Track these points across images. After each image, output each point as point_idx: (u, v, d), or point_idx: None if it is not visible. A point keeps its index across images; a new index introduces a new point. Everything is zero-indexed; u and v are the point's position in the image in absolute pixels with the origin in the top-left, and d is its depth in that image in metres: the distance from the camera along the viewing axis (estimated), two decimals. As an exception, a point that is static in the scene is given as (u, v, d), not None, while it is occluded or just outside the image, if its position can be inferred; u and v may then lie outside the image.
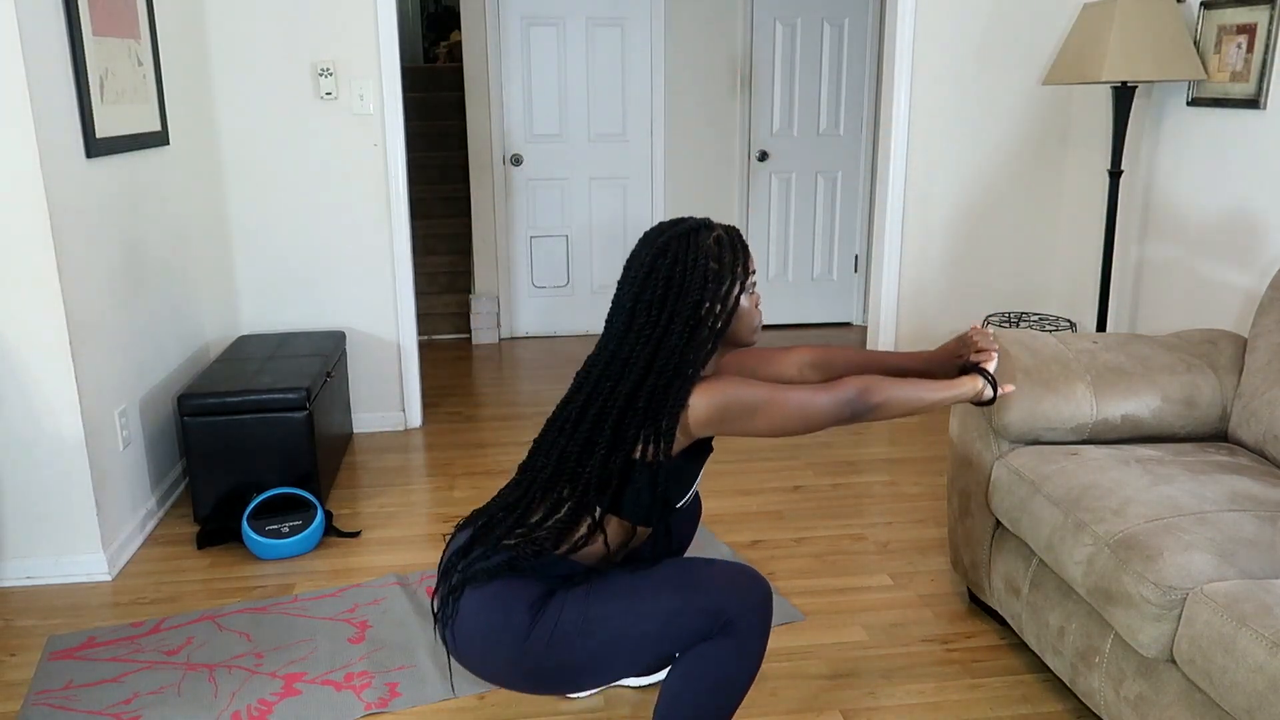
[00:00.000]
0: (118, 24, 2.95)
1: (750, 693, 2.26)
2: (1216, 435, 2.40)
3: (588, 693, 2.25)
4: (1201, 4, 3.30)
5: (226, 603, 2.66)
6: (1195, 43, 3.32)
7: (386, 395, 4.00)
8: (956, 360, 1.98)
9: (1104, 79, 3.19)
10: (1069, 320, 4.07)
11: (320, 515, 2.97)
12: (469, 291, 5.70)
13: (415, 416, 4.05)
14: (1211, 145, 3.30)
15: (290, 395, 3.06)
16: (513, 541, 1.71)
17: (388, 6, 3.61)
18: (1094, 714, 2.18)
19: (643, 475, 1.68)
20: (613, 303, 1.75)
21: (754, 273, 1.77)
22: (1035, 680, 2.31)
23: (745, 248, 1.75)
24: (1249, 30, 3.09)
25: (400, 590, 2.70)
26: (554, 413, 1.78)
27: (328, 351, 3.52)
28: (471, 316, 5.49)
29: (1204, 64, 3.28)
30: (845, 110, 5.50)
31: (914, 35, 3.95)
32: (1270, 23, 3.00)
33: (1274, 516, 1.89)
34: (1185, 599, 1.71)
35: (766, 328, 5.75)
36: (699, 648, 1.70)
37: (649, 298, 1.69)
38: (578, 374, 1.77)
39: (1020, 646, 2.44)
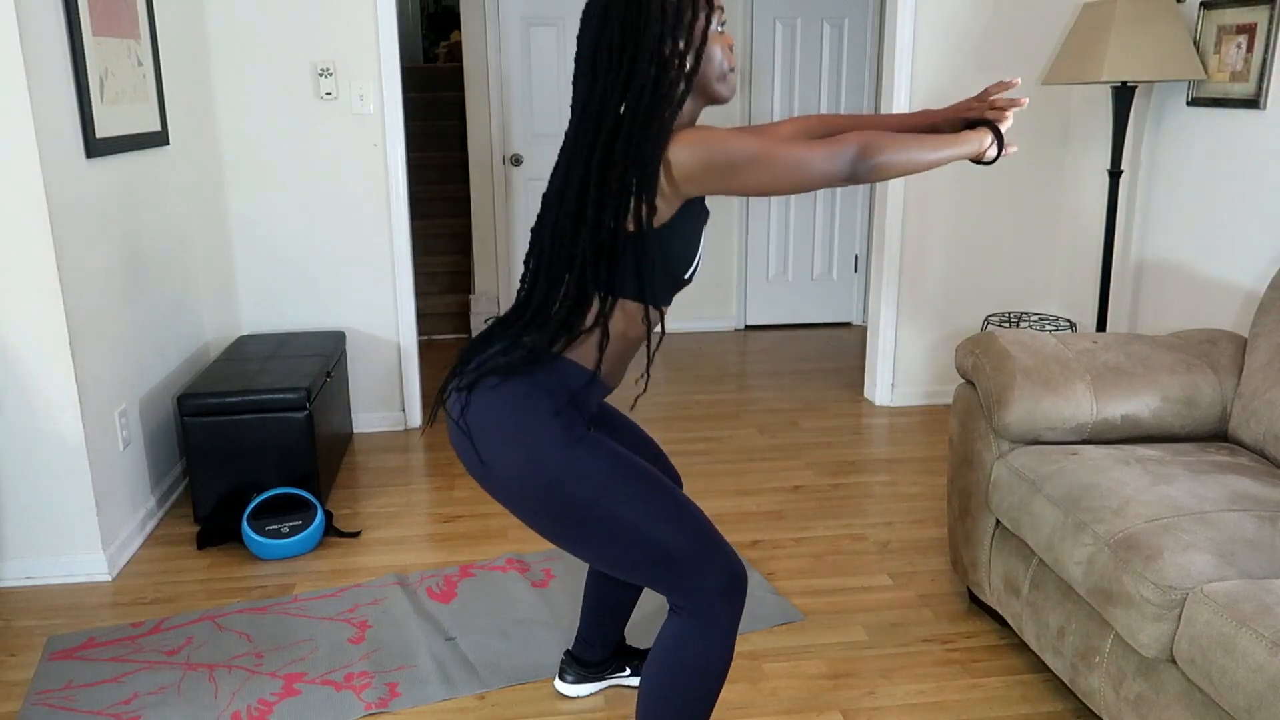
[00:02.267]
0: (118, 24, 2.95)
1: (750, 693, 2.26)
2: (1216, 435, 2.40)
3: (586, 690, 2.25)
4: (1201, 4, 3.30)
5: (226, 603, 2.66)
6: (1195, 43, 3.32)
7: (386, 395, 4.00)
8: (967, 114, 1.82)
9: (1104, 79, 3.19)
10: (1069, 320, 4.07)
11: (320, 515, 2.97)
12: (469, 291, 5.70)
13: (415, 416, 4.05)
14: (1211, 145, 3.29)
15: (290, 395, 3.06)
16: (523, 338, 1.64)
17: (388, 6, 3.61)
18: (1094, 714, 2.18)
19: (636, 238, 1.58)
20: (575, 62, 1.63)
21: (720, 9, 1.63)
22: (1035, 680, 2.31)
23: None
24: (1249, 30, 3.09)
25: (400, 590, 2.70)
26: (543, 195, 1.69)
27: (328, 351, 3.52)
28: (471, 316, 5.49)
29: (1204, 64, 3.28)
30: (845, 110, 5.50)
31: (914, 35, 3.95)
32: (1270, 23, 3.00)
33: (1274, 516, 1.89)
34: (1185, 599, 1.71)
35: (765, 327, 5.74)
36: (670, 638, 1.68)
37: (609, 41, 1.56)
38: (560, 147, 1.66)
39: (1020, 646, 2.44)
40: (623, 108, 1.57)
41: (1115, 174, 3.48)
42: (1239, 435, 2.33)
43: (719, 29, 1.63)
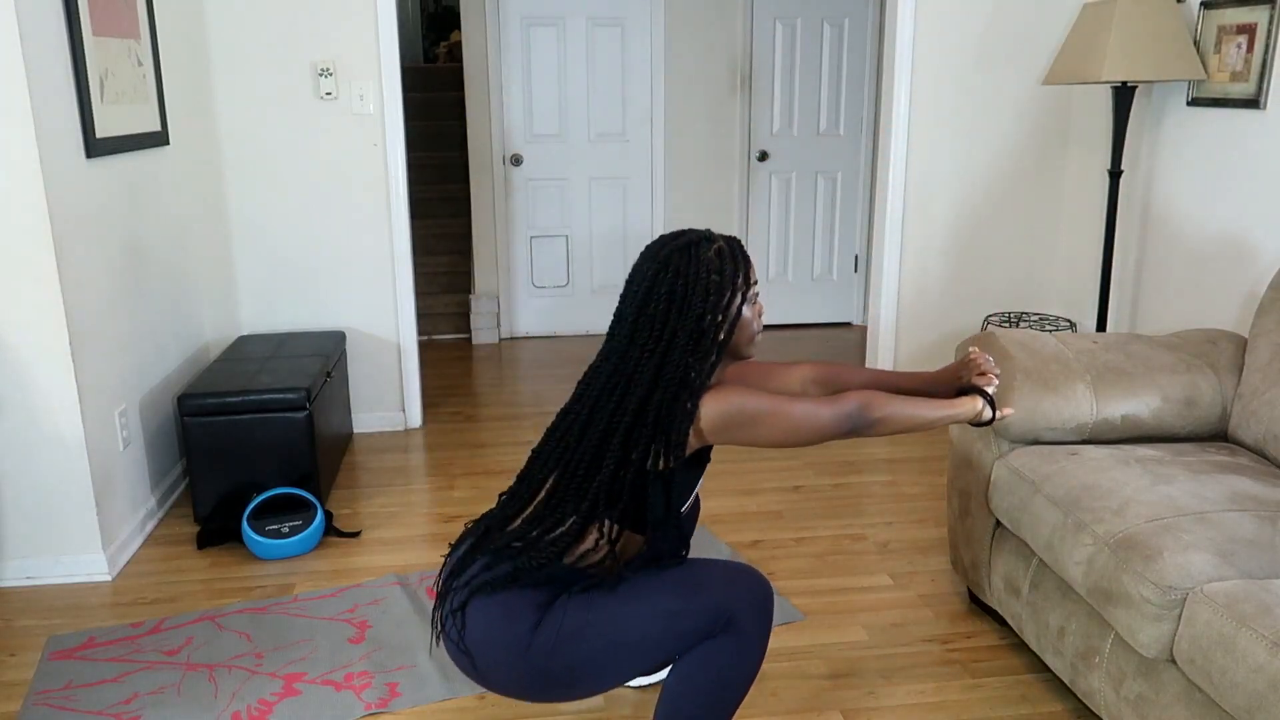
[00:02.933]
0: (118, 24, 2.95)
1: (750, 693, 2.26)
2: (1216, 435, 2.40)
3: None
4: (1201, 4, 3.30)
5: (226, 603, 2.66)
6: (1195, 43, 3.32)
7: (386, 395, 4.00)
8: (958, 381, 1.99)
9: (1104, 79, 3.19)
10: (1069, 320, 4.07)
11: (320, 515, 2.97)
12: (469, 291, 5.70)
13: (415, 416, 4.05)
14: (1211, 145, 3.29)
15: (290, 395, 3.06)
16: (517, 549, 1.71)
17: (388, 6, 3.61)
18: (1094, 714, 2.18)
19: (654, 485, 1.69)
20: (615, 316, 1.76)
21: (755, 283, 1.78)
22: (1035, 680, 2.31)
23: (746, 258, 1.76)
24: (1249, 30, 3.09)
25: (400, 590, 2.70)
26: (554, 423, 1.78)
27: (328, 351, 3.52)
28: (471, 316, 5.49)
29: (1204, 64, 3.28)
30: (845, 110, 5.50)
31: (914, 35, 3.95)
32: (1270, 23, 3.00)
33: (1274, 516, 1.89)
34: (1185, 599, 1.71)
35: (768, 327, 5.74)
36: (700, 648, 1.70)
37: (652, 312, 1.69)
38: (579, 385, 1.77)
39: (1020, 646, 2.44)
40: (657, 373, 1.68)
41: (1115, 174, 3.48)
42: (1239, 435, 2.33)
43: (754, 300, 1.77)
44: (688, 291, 1.69)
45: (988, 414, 1.87)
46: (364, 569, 2.85)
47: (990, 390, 1.89)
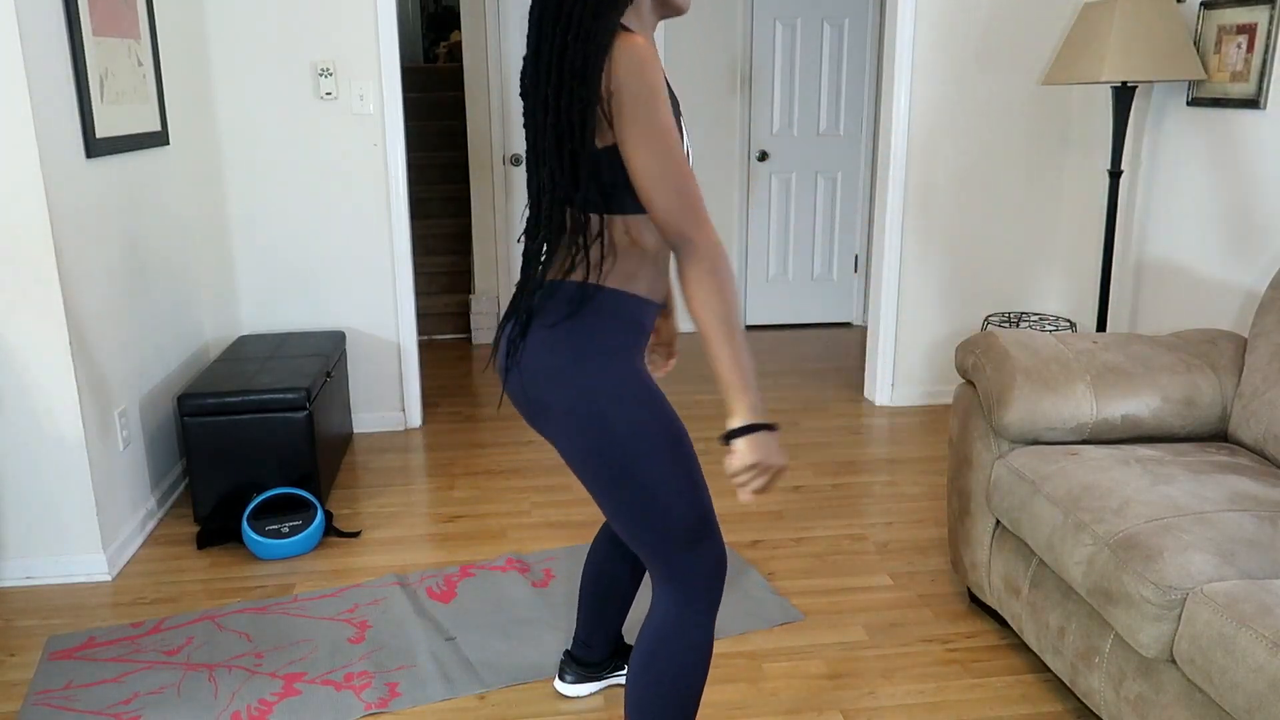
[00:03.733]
0: (118, 24, 2.95)
1: (750, 693, 2.26)
2: (1216, 435, 2.40)
3: (587, 690, 2.25)
4: (1201, 4, 3.30)
5: (226, 603, 2.66)
6: (1195, 43, 3.32)
7: (386, 395, 4.00)
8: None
9: (1104, 79, 3.19)
10: (1069, 320, 4.07)
11: (320, 515, 2.97)
12: (469, 291, 5.70)
13: (415, 416, 4.05)
14: (1211, 145, 3.29)
15: (290, 395, 3.06)
16: (561, 278, 1.59)
17: (388, 6, 3.61)
18: (1094, 714, 2.18)
19: (605, 161, 1.50)
20: None
21: None
22: (1035, 680, 2.31)
23: None
24: (1249, 30, 3.09)
25: (400, 590, 2.70)
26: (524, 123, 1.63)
27: (328, 351, 3.52)
28: (471, 316, 5.49)
29: (1204, 64, 3.28)
30: (845, 110, 5.50)
31: (914, 35, 3.95)
32: (1270, 23, 3.00)
33: (1274, 516, 1.89)
34: (1185, 599, 1.71)
35: (767, 327, 5.75)
36: (649, 638, 1.69)
37: None
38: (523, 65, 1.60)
39: (1020, 646, 2.44)
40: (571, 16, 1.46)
41: (1115, 174, 3.48)
42: (1239, 435, 2.33)
43: None
44: None
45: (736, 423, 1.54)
46: (364, 569, 2.85)
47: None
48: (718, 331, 1.46)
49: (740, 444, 1.47)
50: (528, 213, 1.67)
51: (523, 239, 1.68)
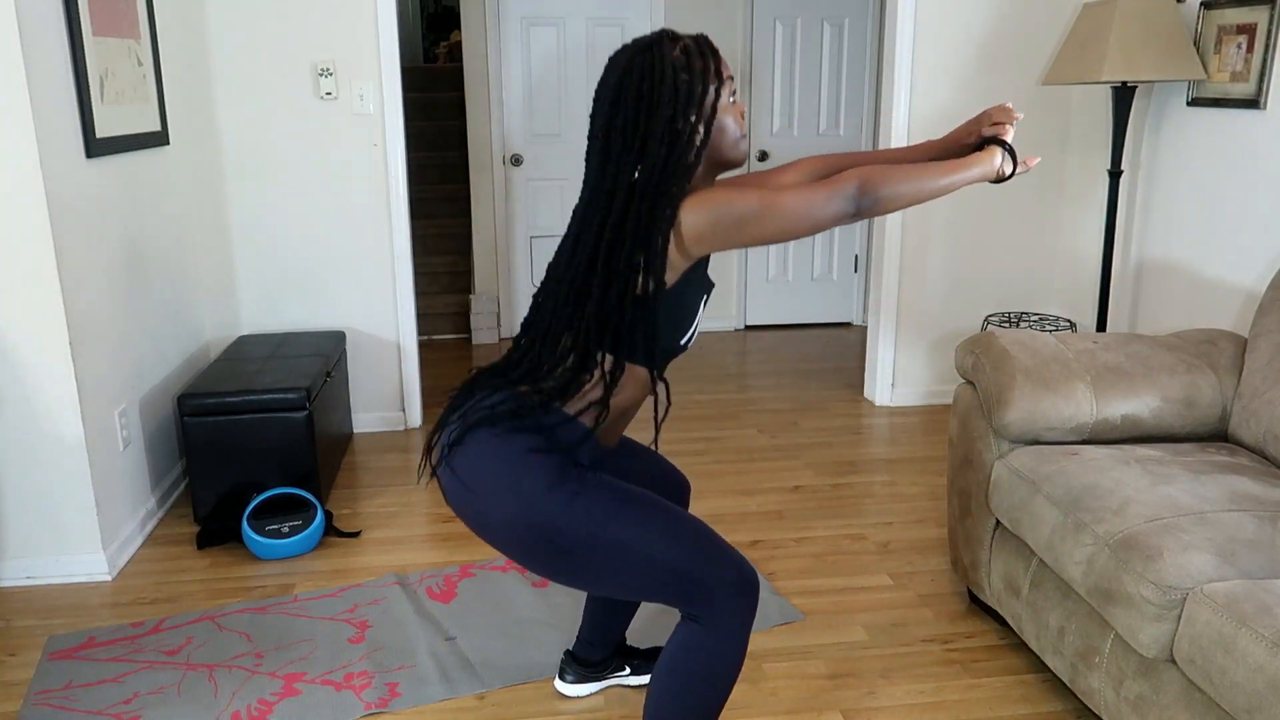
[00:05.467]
0: (118, 24, 2.95)
1: (750, 693, 2.26)
2: (1216, 435, 2.40)
3: (586, 690, 2.25)
4: (1201, 4, 3.30)
5: (226, 603, 2.66)
6: (1195, 43, 3.32)
7: (386, 395, 4.00)
8: (969, 140, 1.79)
9: (1104, 79, 3.19)
10: (1069, 320, 4.07)
11: (320, 515, 2.97)
12: (469, 291, 5.70)
13: (415, 416, 4.05)
14: (1211, 145, 3.29)
15: (290, 395, 3.06)
16: (519, 389, 1.65)
17: (388, 6, 3.61)
18: (1094, 714, 2.18)
19: (641, 307, 1.60)
20: (588, 138, 1.65)
21: (731, 79, 1.65)
22: (1035, 680, 2.31)
23: (716, 52, 1.63)
24: (1249, 30, 3.09)
25: (400, 590, 2.70)
26: (550, 263, 1.71)
27: (328, 351, 3.52)
28: (471, 316, 5.49)
29: (1204, 64, 3.28)
30: (845, 110, 5.50)
31: (914, 35, 3.95)
32: (1270, 23, 3.00)
33: (1274, 516, 1.89)
34: (1185, 599, 1.71)
35: (765, 327, 5.74)
36: (683, 642, 1.68)
37: (621, 122, 1.59)
38: (569, 221, 1.69)
39: (1020, 646, 2.44)
40: (634, 184, 1.59)
41: (1115, 174, 3.48)
42: (1239, 435, 2.33)
43: (731, 100, 1.65)
44: (655, 93, 1.57)
45: (1008, 167, 1.68)
46: (364, 569, 2.85)
47: (1008, 138, 1.69)
48: (922, 194, 1.59)
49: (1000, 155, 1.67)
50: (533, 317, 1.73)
51: (524, 330, 1.74)
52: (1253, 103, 3.08)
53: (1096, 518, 1.95)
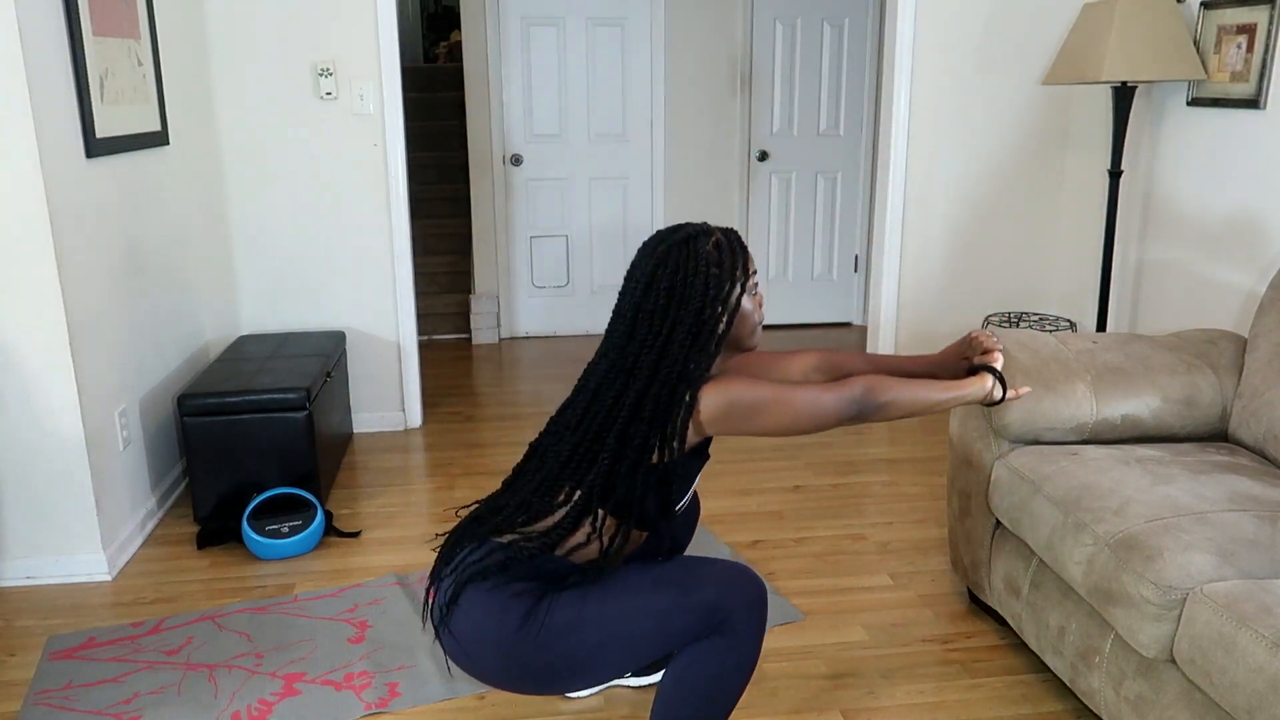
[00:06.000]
0: (118, 24, 2.95)
1: (750, 693, 2.26)
2: (1216, 435, 2.40)
3: (586, 692, 2.25)
4: (1201, 4, 3.30)
5: (226, 603, 2.66)
6: (1195, 43, 3.32)
7: (386, 395, 4.00)
8: (962, 362, 1.98)
9: (1104, 79, 3.19)
10: (1069, 320, 4.07)
11: (320, 515, 2.97)
12: (469, 291, 5.70)
13: (415, 416, 4.05)
14: (1211, 145, 3.30)
15: (290, 395, 3.06)
16: (507, 540, 1.71)
17: (388, 6, 3.61)
18: (1094, 714, 2.18)
19: (648, 478, 1.69)
20: (614, 312, 1.76)
21: (754, 274, 1.78)
22: (1035, 680, 2.31)
23: (744, 249, 1.76)
24: (1249, 30, 3.09)
25: (400, 590, 2.70)
26: (552, 418, 1.79)
27: (328, 351, 3.52)
28: (471, 316, 5.49)
29: (1204, 64, 3.28)
30: (845, 110, 5.50)
31: (914, 35, 3.95)
32: (1270, 23, 3.00)
33: (1274, 516, 1.89)
34: (1185, 599, 1.71)
35: (767, 327, 5.74)
36: (694, 647, 1.70)
37: (650, 307, 1.70)
38: (578, 381, 1.77)
39: (1020, 646, 2.44)
40: (656, 367, 1.68)
41: (1115, 174, 3.48)
42: (1239, 435, 2.33)
43: (753, 291, 1.76)
44: (686, 285, 1.69)
45: (998, 392, 1.86)
46: (364, 569, 2.85)
47: (998, 366, 1.87)
48: (919, 406, 1.76)
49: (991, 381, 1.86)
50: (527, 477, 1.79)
51: (517, 476, 1.81)
52: (1253, 103, 3.08)
53: (1096, 518, 1.95)
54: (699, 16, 5.25)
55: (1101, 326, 3.65)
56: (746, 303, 1.76)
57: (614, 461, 1.68)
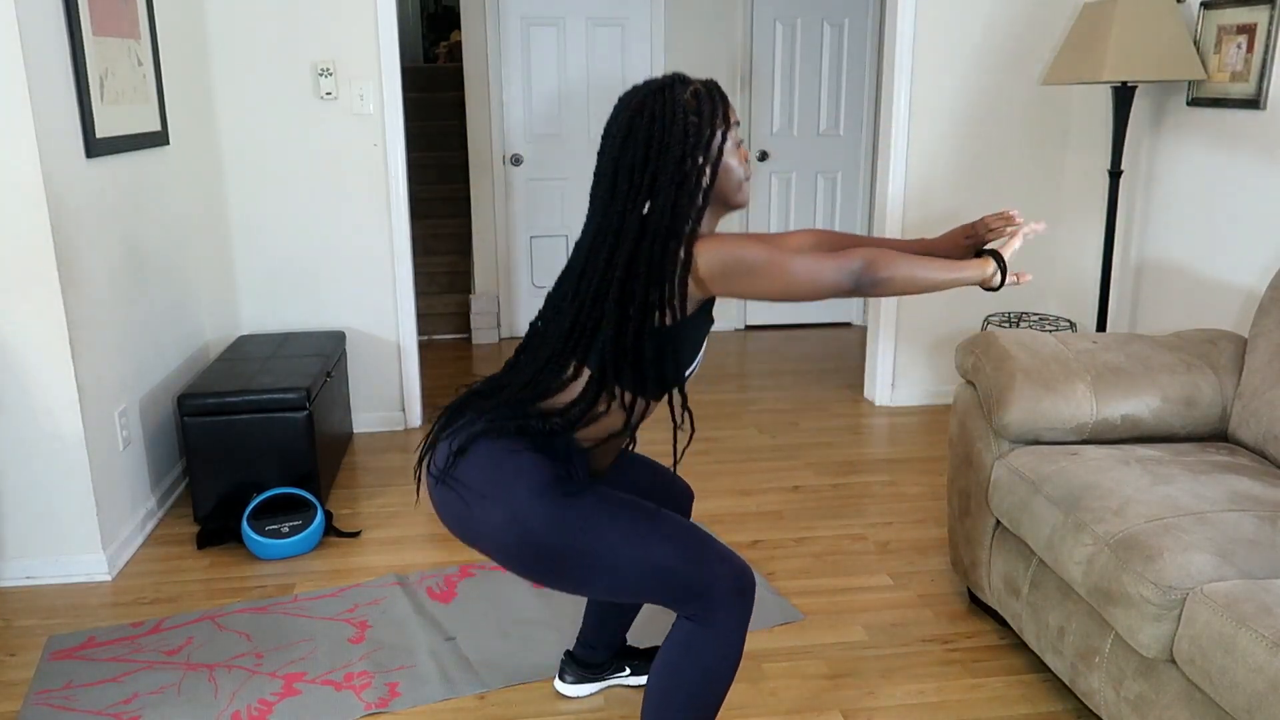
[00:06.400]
0: (118, 24, 2.95)
1: (750, 693, 2.26)
2: (1216, 435, 2.40)
3: (586, 691, 2.25)
4: (1201, 4, 3.30)
5: (226, 603, 2.66)
6: (1195, 43, 3.32)
7: (386, 395, 4.00)
8: (967, 241, 1.88)
9: (1104, 79, 3.19)
10: (1069, 320, 4.07)
11: (320, 515, 2.97)
12: (469, 291, 5.70)
13: (415, 416, 4.05)
14: (1211, 145, 3.29)
15: (290, 395, 3.06)
16: (521, 411, 1.67)
17: (388, 6, 3.61)
18: (1094, 714, 2.18)
19: (656, 343, 1.64)
20: (595, 175, 1.68)
21: (737, 124, 1.70)
22: (1035, 680, 2.31)
23: (725, 98, 1.67)
24: (1249, 30, 3.09)
25: (400, 590, 2.70)
26: (549, 294, 1.73)
27: (328, 351, 3.52)
28: (471, 316, 5.49)
29: (1204, 64, 3.28)
30: (845, 110, 5.50)
31: (914, 35, 3.95)
32: (1270, 23, 3.00)
33: (1274, 516, 1.89)
34: (1185, 599, 1.71)
35: (765, 327, 5.74)
36: (678, 644, 1.69)
37: (630, 161, 1.63)
38: (570, 257, 1.72)
39: (1020, 646, 2.44)
40: (644, 223, 1.63)
41: (1115, 174, 3.48)
42: (1239, 435, 2.33)
43: (736, 144, 1.69)
44: (665, 133, 1.61)
45: (998, 279, 1.74)
46: (364, 569, 2.85)
47: (1006, 252, 1.75)
48: (917, 284, 1.64)
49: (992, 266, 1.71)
50: (541, 330, 1.74)
51: (520, 356, 1.77)
52: (1253, 103, 3.08)
53: (1096, 518, 1.95)
54: (699, 16, 5.25)
55: (1101, 326, 3.65)
56: (729, 152, 1.67)
57: (618, 328, 1.62)
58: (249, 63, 3.61)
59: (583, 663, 2.23)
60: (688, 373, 1.73)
